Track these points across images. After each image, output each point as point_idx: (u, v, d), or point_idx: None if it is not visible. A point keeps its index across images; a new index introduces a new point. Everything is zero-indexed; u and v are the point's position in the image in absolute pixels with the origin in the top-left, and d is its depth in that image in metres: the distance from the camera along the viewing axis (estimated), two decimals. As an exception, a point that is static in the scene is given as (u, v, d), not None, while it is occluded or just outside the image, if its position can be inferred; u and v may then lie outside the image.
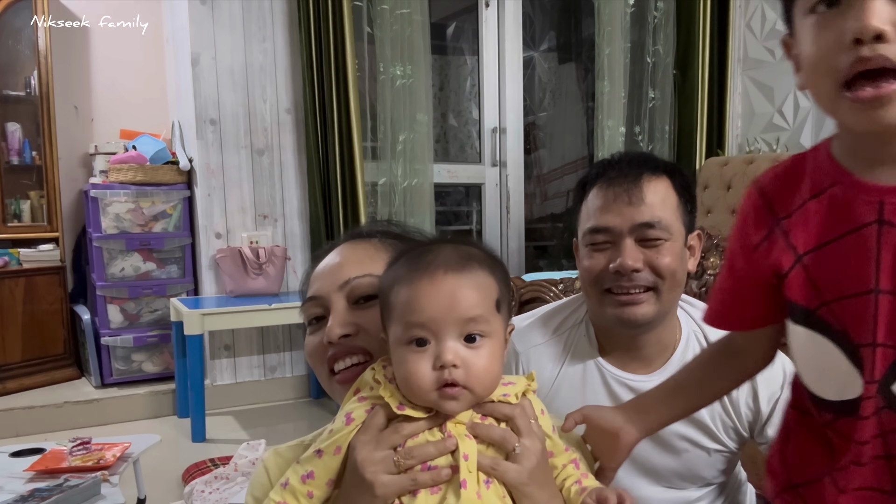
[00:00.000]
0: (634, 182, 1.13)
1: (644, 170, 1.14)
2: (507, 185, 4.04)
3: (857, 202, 0.66)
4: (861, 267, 0.66)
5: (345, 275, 0.89)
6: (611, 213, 1.13)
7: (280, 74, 3.35)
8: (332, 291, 0.88)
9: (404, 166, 3.54)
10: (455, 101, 4.41)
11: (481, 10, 3.93)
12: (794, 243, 0.71)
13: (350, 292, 0.88)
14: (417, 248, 0.78)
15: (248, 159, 3.33)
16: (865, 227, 0.66)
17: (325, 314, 0.88)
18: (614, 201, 1.13)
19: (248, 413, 3.29)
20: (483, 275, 0.75)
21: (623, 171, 1.14)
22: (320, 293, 0.89)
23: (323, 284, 0.89)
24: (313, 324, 0.90)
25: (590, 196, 1.18)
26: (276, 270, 3.30)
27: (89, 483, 1.77)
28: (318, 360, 0.89)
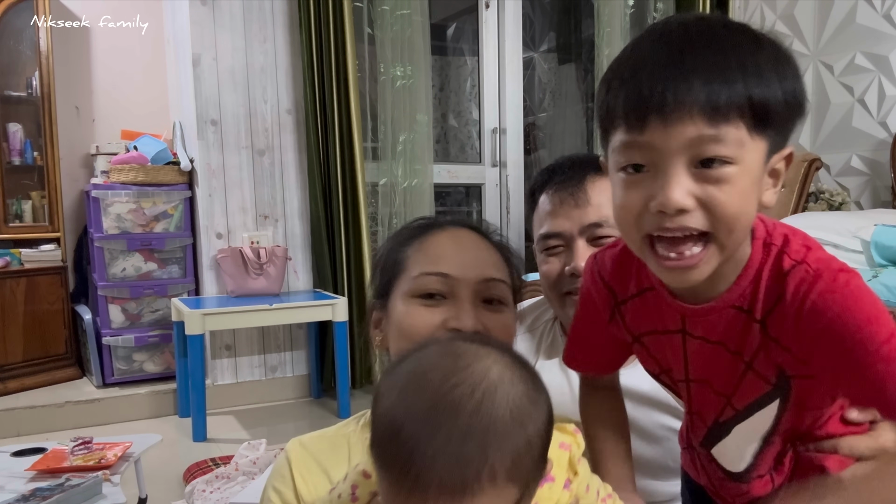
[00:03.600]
0: (578, 184, 1.15)
1: (587, 171, 1.16)
2: (508, 186, 4.05)
3: (667, 311, 0.76)
4: (675, 361, 0.80)
5: (483, 273, 0.87)
6: (560, 218, 1.15)
7: (281, 75, 3.35)
8: (464, 282, 0.86)
9: (404, 167, 3.54)
10: (455, 101, 4.41)
11: (481, 11, 3.94)
12: (630, 327, 0.83)
13: (484, 291, 0.87)
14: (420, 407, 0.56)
15: (249, 160, 3.34)
16: (674, 333, 0.78)
17: (447, 296, 0.86)
18: (561, 205, 1.16)
19: (249, 413, 3.30)
20: (496, 492, 0.55)
21: (567, 175, 1.17)
22: (453, 274, 0.86)
23: (453, 269, 0.86)
24: (426, 298, 0.86)
25: (539, 203, 1.20)
26: (276, 270, 3.31)
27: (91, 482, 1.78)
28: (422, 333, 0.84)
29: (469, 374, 0.57)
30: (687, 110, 0.60)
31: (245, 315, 3.07)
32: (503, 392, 0.56)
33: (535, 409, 0.58)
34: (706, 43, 0.62)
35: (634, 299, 0.80)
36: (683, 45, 0.62)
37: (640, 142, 0.63)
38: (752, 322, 0.71)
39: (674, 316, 0.76)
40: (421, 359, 0.60)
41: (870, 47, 3.57)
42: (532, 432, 0.57)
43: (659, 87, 0.60)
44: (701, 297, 0.73)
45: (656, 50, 0.63)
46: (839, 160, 3.74)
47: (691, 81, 0.60)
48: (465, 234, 0.92)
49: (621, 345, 0.86)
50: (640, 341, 0.83)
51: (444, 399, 0.55)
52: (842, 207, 3.56)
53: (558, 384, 1.22)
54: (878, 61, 3.54)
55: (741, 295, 0.71)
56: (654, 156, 0.63)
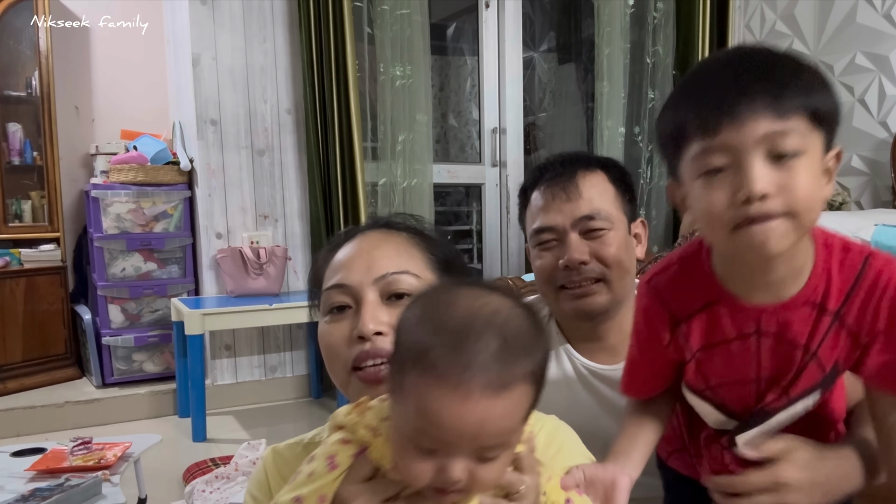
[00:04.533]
0: (569, 179, 1.19)
1: (577, 167, 1.21)
2: (507, 186, 4.05)
3: (740, 318, 0.83)
4: (744, 364, 0.86)
5: (382, 268, 0.85)
6: (552, 212, 1.19)
7: (280, 75, 3.35)
8: (365, 283, 0.84)
9: (404, 166, 3.54)
10: (455, 101, 4.41)
11: (481, 11, 3.94)
12: (691, 343, 0.87)
13: (385, 287, 0.85)
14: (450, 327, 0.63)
15: (249, 159, 3.34)
16: (748, 336, 0.84)
17: (353, 305, 0.85)
18: (553, 200, 1.19)
19: (249, 413, 3.30)
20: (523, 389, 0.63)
21: (558, 171, 1.21)
22: (351, 283, 0.85)
23: (354, 274, 0.85)
24: (335, 312, 0.86)
25: (532, 199, 1.24)
26: (276, 270, 3.31)
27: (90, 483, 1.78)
28: (338, 352, 0.84)
29: (492, 299, 0.65)
30: (756, 109, 0.70)
31: (245, 315, 3.07)
32: (521, 311, 0.66)
33: (543, 334, 0.68)
34: (761, 57, 0.74)
35: (699, 314, 0.86)
36: (742, 62, 0.74)
37: (717, 145, 0.72)
38: (824, 315, 0.81)
39: (747, 320, 0.83)
40: (438, 293, 0.68)
41: (870, 47, 3.57)
42: (544, 348, 0.67)
43: (730, 93, 0.71)
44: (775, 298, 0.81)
45: (718, 70, 0.75)
46: (839, 160, 3.74)
47: (756, 86, 0.71)
48: (372, 235, 0.91)
49: (674, 366, 0.92)
50: (696, 357, 0.88)
51: (478, 313, 0.63)
52: (842, 207, 3.56)
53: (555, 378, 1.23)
54: (879, 61, 3.54)
55: (814, 291, 0.81)
56: (732, 155, 0.72)
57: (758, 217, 0.71)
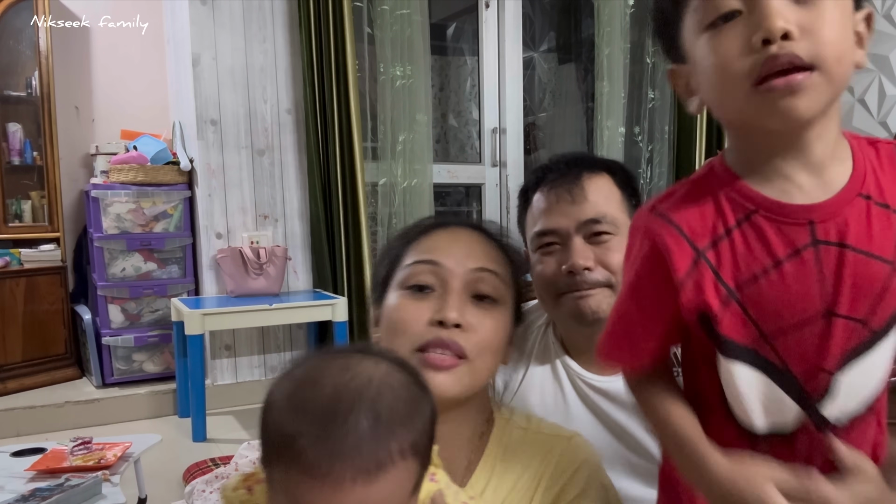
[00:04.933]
0: (575, 181, 1.14)
1: (583, 168, 1.15)
2: (508, 186, 4.05)
3: (787, 227, 0.65)
4: (804, 294, 0.64)
5: (478, 261, 0.86)
6: (555, 215, 1.13)
7: (280, 75, 3.35)
8: (458, 269, 0.85)
9: (404, 166, 3.54)
10: (455, 101, 4.41)
11: (481, 11, 3.94)
12: (724, 279, 0.66)
13: (474, 282, 0.85)
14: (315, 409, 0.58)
15: (249, 159, 3.34)
16: (802, 250, 0.64)
17: (436, 289, 0.85)
18: (557, 202, 1.14)
19: (249, 413, 3.29)
20: (404, 466, 0.58)
21: (562, 173, 1.16)
22: (445, 264, 0.85)
23: (449, 258, 0.85)
24: (415, 290, 0.85)
25: (533, 202, 1.18)
26: (276, 270, 3.31)
27: (90, 483, 1.77)
28: (409, 329, 0.83)
29: (362, 368, 0.61)
30: None
31: (245, 315, 3.07)
32: (397, 380, 0.61)
33: (426, 395, 0.64)
34: None
35: (728, 237, 0.66)
36: None
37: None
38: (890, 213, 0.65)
39: (798, 228, 0.64)
40: (307, 365, 0.63)
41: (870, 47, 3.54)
42: (426, 414, 0.62)
43: None
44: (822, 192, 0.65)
45: None
46: (839, 160, 3.74)
47: None
48: (466, 231, 0.91)
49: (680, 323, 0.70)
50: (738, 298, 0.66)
51: (345, 389, 0.58)
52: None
53: (551, 391, 1.20)
54: (879, 61, 3.54)
55: (863, 179, 0.65)
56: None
57: (781, 59, 0.60)
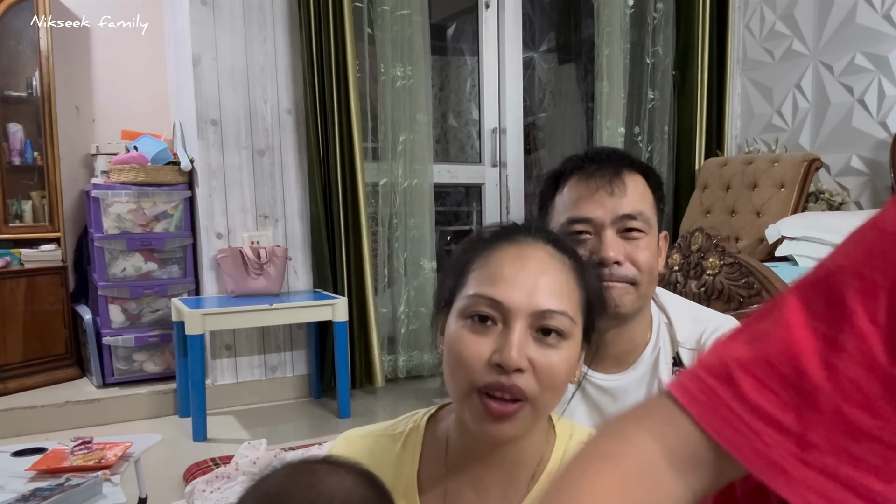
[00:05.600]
0: (616, 174, 1.14)
1: (623, 164, 1.16)
2: (508, 186, 4.05)
3: None
4: None
5: (545, 302, 0.80)
6: (592, 204, 1.13)
7: (281, 75, 3.35)
8: (522, 309, 0.79)
9: (405, 167, 3.55)
10: (455, 101, 4.41)
11: (481, 11, 3.94)
12: None
13: (539, 320, 0.80)
14: None
15: (249, 160, 3.34)
16: None
17: (498, 323, 0.80)
18: (596, 192, 1.13)
19: (249, 413, 3.30)
20: None
21: (603, 165, 1.15)
22: (508, 303, 0.80)
23: (514, 294, 0.80)
24: (476, 321, 0.81)
25: (566, 189, 1.17)
26: (276, 270, 3.31)
27: (91, 482, 1.77)
28: (470, 366, 0.79)
29: (326, 487, 0.63)
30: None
31: (245, 315, 3.07)
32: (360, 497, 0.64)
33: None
34: None
35: None
36: None
37: None
38: None
39: None
40: (274, 481, 0.66)
41: (870, 47, 3.57)
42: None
43: None
44: None
45: None
46: (839, 160, 3.74)
47: None
48: (535, 250, 0.84)
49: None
50: None
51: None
52: (842, 207, 3.56)
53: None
54: (878, 61, 3.54)
55: None
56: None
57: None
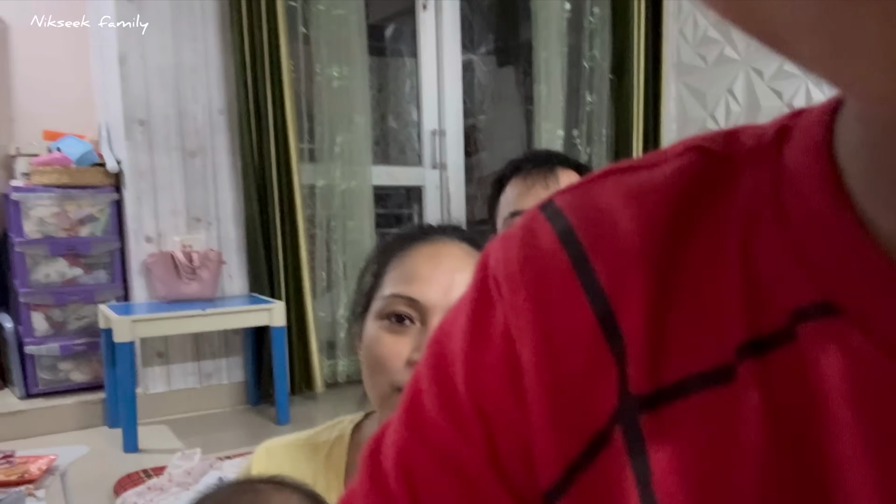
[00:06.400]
0: (550, 171, 1.27)
1: (556, 162, 1.30)
2: (448, 188, 4.05)
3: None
4: None
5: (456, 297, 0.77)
6: (529, 198, 1.26)
7: (212, 74, 3.27)
8: (439, 306, 0.78)
9: (343, 168, 3.51)
10: (395, 102, 4.39)
11: (419, 13, 3.93)
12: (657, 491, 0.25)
13: None
14: None
15: (180, 161, 3.25)
16: None
17: (417, 322, 0.79)
18: (532, 187, 1.27)
19: (184, 422, 3.21)
20: None
21: (538, 164, 1.29)
22: (425, 301, 0.79)
23: (430, 292, 0.79)
24: (393, 321, 0.80)
25: (507, 188, 1.31)
26: (210, 275, 3.23)
27: (13, 498, 1.69)
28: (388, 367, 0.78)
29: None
30: None
31: (177, 321, 2.99)
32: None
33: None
34: None
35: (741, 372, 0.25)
36: None
37: None
38: None
39: None
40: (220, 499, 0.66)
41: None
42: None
43: None
44: None
45: None
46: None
47: None
48: (451, 248, 0.84)
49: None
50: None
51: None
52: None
53: None
54: (804, 67, 3.66)
55: None
56: None
57: None
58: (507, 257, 0.28)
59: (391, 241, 0.88)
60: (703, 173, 0.26)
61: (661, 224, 0.25)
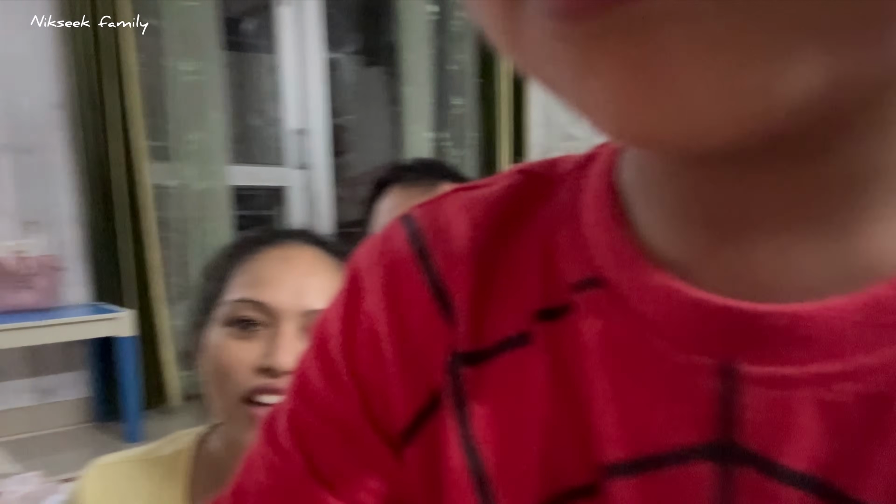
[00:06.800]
0: (431, 185, 1.22)
1: (438, 175, 1.26)
2: (313, 189, 3.96)
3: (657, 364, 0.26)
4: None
5: (313, 302, 0.78)
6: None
7: (46, 67, 3.03)
8: (290, 311, 0.78)
9: (198, 168, 3.35)
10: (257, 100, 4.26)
11: (278, 7, 3.82)
12: (474, 433, 0.30)
13: (310, 323, 0.78)
14: None
15: (11, 159, 2.99)
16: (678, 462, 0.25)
17: (264, 328, 0.78)
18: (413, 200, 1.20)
19: (21, 443, 2.96)
20: None
21: (420, 176, 1.26)
22: (274, 304, 0.78)
23: (279, 295, 0.78)
24: (239, 327, 0.78)
25: (388, 196, 1.27)
26: (47, 283, 2.99)
27: None
28: (234, 375, 0.76)
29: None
30: None
31: (9, 334, 2.74)
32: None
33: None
34: None
35: (534, 333, 0.30)
36: None
37: None
38: None
39: (690, 382, 0.25)
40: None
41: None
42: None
43: None
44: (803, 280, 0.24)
45: None
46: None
47: None
48: (303, 252, 0.84)
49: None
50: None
51: None
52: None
53: None
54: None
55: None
56: None
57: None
58: (369, 254, 0.36)
59: (237, 245, 0.87)
60: (524, 190, 0.34)
61: (486, 227, 0.33)
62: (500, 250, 0.32)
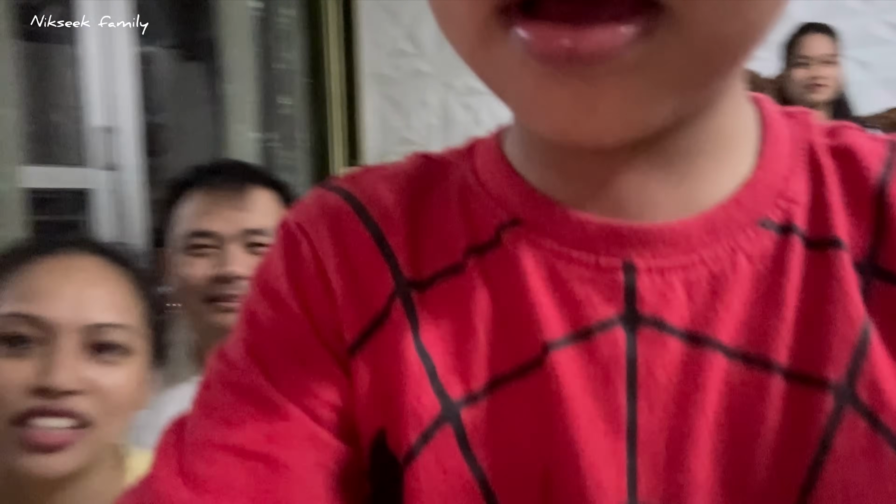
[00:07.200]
0: (241, 189, 1.15)
1: (248, 178, 1.19)
2: (123, 192, 3.70)
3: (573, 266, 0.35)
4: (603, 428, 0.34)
5: (96, 316, 0.74)
6: (216, 218, 1.13)
7: None
8: (69, 326, 0.72)
9: (-17, 169, 3.02)
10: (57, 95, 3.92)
11: (84, -6, 3.53)
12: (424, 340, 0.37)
13: (90, 337, 0.73)
14: None
15: None
16: (601, 330, 0.34)
17: (38, 344, 0.72)
18: (217, 205, 1.14)
19: None
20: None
21: (228, 178, 1.18)
22: (49, 318, 0.72)
23: (55, 308, 0.72)
24: (9, 343, 0.72)
25: (188, 199, 1.17)
26: None
27: None
28: (4, 395, 0.70)
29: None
30: None
31: None
32: None
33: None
34: None
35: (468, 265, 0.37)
36: None
37: None
38: (839, 270, 0.33)
39: (603, 276, 0.35)
40: None
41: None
42: None
43: None
44: (674, 207, 0.35)
45: None
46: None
47: None
48: (83, 262, 0.79)
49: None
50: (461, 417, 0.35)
51: None
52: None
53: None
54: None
55: (780, 190, 0.35)
56: None
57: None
58: (307, 212, 0.41)
59: (5, 256, 0.81)
60: (429, 168, 0.42)
61: (407, 192, 0.40)
62: (422, 208, 0.40)
